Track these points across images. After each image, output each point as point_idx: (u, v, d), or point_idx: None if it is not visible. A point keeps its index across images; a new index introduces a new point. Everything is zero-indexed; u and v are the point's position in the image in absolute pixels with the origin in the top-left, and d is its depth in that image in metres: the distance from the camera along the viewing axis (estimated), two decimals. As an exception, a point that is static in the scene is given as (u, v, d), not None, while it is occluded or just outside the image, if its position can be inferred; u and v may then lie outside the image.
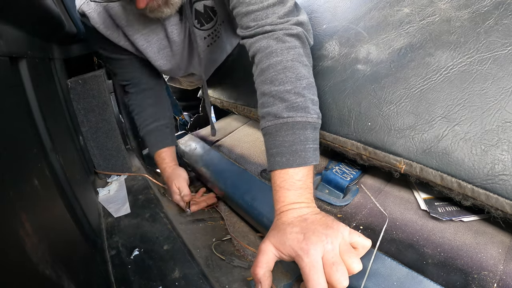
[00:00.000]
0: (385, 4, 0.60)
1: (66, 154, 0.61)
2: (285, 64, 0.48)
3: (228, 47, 0.93)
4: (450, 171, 0.41)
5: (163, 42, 0.73)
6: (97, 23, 0.67)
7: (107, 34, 0.69)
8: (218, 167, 0.77)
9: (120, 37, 0.71)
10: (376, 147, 0.49)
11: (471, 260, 0.39)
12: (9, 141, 0.35)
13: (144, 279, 0.48)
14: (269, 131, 0.47)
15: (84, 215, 0.55)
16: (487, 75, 0.42)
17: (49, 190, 0.44)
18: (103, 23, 0.68)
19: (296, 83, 0.47)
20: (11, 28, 0.46)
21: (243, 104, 0.81)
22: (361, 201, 0.52)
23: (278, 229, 0.41)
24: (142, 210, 0.68)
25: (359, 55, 0.57)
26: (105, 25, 0.68)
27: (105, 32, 0.69)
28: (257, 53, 0.51)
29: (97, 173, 0.87)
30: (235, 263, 0.55)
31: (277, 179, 0.45)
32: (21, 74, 0.48)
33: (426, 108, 0.45)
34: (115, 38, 0.71)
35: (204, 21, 0.72)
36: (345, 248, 0.36)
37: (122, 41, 0.72)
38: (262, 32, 0.51)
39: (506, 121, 0.39)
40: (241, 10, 0.53)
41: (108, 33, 0.69)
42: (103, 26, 0.68)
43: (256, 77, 0.52)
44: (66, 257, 0.40)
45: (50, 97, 0.63)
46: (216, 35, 0.78)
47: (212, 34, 0.77)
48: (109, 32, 0.69)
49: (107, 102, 0.83)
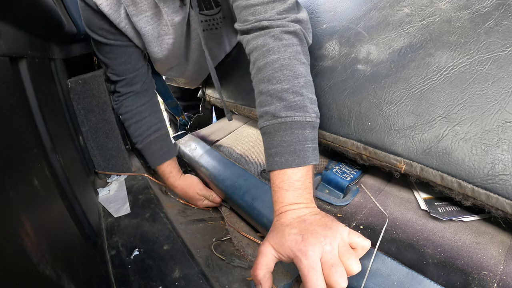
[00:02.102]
0: (385, 4, 0.60)
1: (66, 154, 0.61)
2: (282, 62, 0.47)
3: (227, 45, 0.93)
4: (450, 171, 0.41)
5: (164, 29, 0.71)
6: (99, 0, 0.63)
7: (108, 13, 0.65)
8: (218, 167, 0.77)
9: (121, 18, 0.67)
10: (376, 147, 0.49)
11: (471, 260, 0.39)
12: (9, 141, 0.35)
13: (144, 279, 0.48)
14: (268, 130, 0.47)
15: (84, 215, 0.55)
16: (487, 75, 0.42)
17: (49, 190, 0.44)
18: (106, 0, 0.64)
19: (293, 82, 0.46)
20: (11, 28, 0.46)
21: (243, 104, 0.81)
22: (361, 201, 0.52)
23: (277, 230, 0.41)
24: (142, 210, 0.68)
25: (359, 55, 0.57)
26: (108, 2, 0.64)
27: (107, 10, 0.64)
28: (253, 50, 0.51)
29: (97, 173, 0.87)
30: (235, 263, 0.55)
31: (276, 179, 0.45)
32: (21, 74, 0.48)
33: (426, 108, 0.45)
34: (115, 19, 0.66)
35: (204, 7, 0.72)
36: (344, 249, 0.36)
37: (123, 22, 0.68)
38: (259, 27, 0.51)
39: (506, 121, 0.39)
40: (241, 3, 0.53)
41: (109, 12, 0.65)
42: (106, 3, 0.64)
43: (253, 76, 0.52)
44: (66, 257, 0.40)
45: (50, 97, 0.63)
46: (213, 24, 0.77)
47: (209, 21, 0.76)
48: (111, 11, 0.65)
49: (107, 102, 0.83)
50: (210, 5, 0.74)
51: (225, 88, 0.91)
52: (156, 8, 0.67)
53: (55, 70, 0.72)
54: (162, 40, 0.73)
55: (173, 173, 0.79)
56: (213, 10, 0.75)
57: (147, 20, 0.68)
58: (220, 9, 0.76)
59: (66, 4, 0.78)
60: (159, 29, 0.71)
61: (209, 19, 0.78)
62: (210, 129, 1.02)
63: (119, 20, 0.67)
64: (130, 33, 0.71)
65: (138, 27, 0.69)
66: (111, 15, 0.66)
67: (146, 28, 0.69)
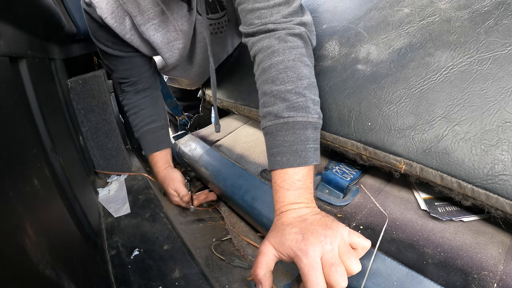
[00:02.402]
0: (385, 4, 0.60)
1: (66, 154, 0.61)
2: (286, 64, 0.48)
3: (230, 48, 0.94)
4: (450, 171, 0.41)
5: (173, 34, 0.72)
6: (104, 13, 0.64)
7: (113, 26, 0.66)
8: (218, 167, 0.77)
9: (126, 30, 0.68)
10: (376, 147, 0.49)
11: (471, 260, 0.39)
12: (9, 141, 0.35)
13: (144, 279, 0.48)
14: (270, 130, 0.47)
15: (84, 215, 0.55)
16: (487, 75, 0.42)
17: (49, 190, 0.44)
18: (111, 13, 0.64)
19: (297, 83, 0.47)
20: (11, 28, 0.46)
21: (243, 104, 0.81)
22: (361, 201, 0.52)
23: (277, 229, 0.41)
24: (142, 210, 0.68)
25: (359, 55, 0.57)
26: (113, 15, 0.65)
27: (112, 23, 0.65)
28: (259, 52, 0.51)
29: (97, 173, 0.87)
30: (235, 263, 0.55)
31: (277, 179, 0.45)
32: (21, 74, 0.48)
33: (426, 108, 0.45)
34: (121, 31, 0.68)
35: (209, 11, 0.73)
36: (344, 249, 0.36)
37: (128, 34, 0.69)
38: (264, 30, 0.51)
39: (506, 121, 0.39)
40: (247, 6, 0.53)
41: (114, 25, 0.66)
42: (111, 17, 0.65)
43: (257, 77, 0.52)
44: (66, 257, 0.40)
45: (50, 97, 0.63)
46: (218, 28, 0.78)
47: (214, 25, 0.77)
48: (116, 24, 0.66)
49: (107, 102, 0.83)
50: (216, 8, 0.75)
51: (225, 88, 0.91)
52: (163, 15, 0.68)
53: (55, 70, 0.72)
54: (172, 46, 0.74)
55: (159, 164, 0.80)
56: (219, 13, 0.76)
57: (155, 27, 0.69)
58: (225, 12, 0.77)
59: (66, 4, 0.78)
60: (168, 36, 0.72)
61: (214, 23, 0.78)
62: (210, 129, 1.02)
63: (124, 32, 0.69)
64: (136, 43, 0.72)
65: (147, 35, 0.69)
66: (116, 28, 0.67)
67: (154, 36, 0.70)
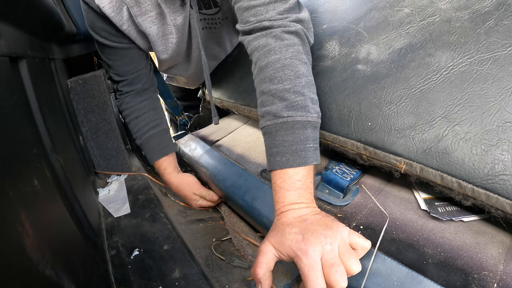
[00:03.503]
0: (385, 4, 0.60)
1: (66, 154, 0.61)
2: (283, 62, 0.48)
3: (228, 47, 0.93)
4: (450, 171, 0.41)
5: (168, 28, 0.71)
6: (102, 2, 0.64)
7: (111, 15, 0.65)
8: (218, 167, 0.77)
9: (124, 20, 0.67)
10: (376, 147, 0.49)
11: (471, 260, 0.39)
12: (9, 141, 0.35)
13: (144, 279, 0.48)
14: (269, 130, 0.47)
15: (84, 215, 0.55)
16: (487, 75, 0.42)
17: (49, 190, 0.44)
18: (109, 3, 0.64)
19: (295, 81, 0.46)
20: (11, 28, 0.46)
21: (243, 104, 0.81)
22: (361, 201, 0.52)
23: (277, 229, 0.41)
24: (142, 210, 0.68)
25: (359, 55, 0.57)
26: (111, 5, 0.64)
27: (109, 13, 0.65)
28: (255, 51, 0.51)
29: (97, 173, 0.87)
30: (235, 263, 0.55)
31: (277, 179, 0.45)
32: (21, 74, 0.48)
33: (426, 108, 0.45)
34: (118, 21, 0.67)
35: (203, 6, 0.73)
36: (344, 249, 0.36)
37: (125, 24, 0.68)
38: (260, 28, 0.51)
39: (506, 121, 0.39)
40: (243, 4, 0.53)
41: (112, 14, 0.65)
42: (108, 6, 0.64)
43: (255, 76, 0.52)
44: (66, 257, 0.40)
45: (50, 97, 0.63)
46: (212, 24, 0.78)
47: (208, 20, 0.77)
48: (113, 14, 0.66)
49: (107, 102, 0.83)
50: (209, 5, 0.75)
51: (225, 88, 0.91)
52: (160, 8, 0.68)
53: (55, 70, 0.72)
54: (166, 40, 0.74)
55: (168, 170, 0.79)
56: (212, 10, 0.76)
57: (152, 20, 0.69)
58: (219, 9, 0.77)
59: (66, 4, 0.78)
60: (163, 29, 0.71)
61: (208, 18, 0.78)
62: (210, 129, 1.02)
63: (121, 23, 0.68)
64: (133, 35, 0.71)
65: (143, 27, 0.69)
66: (113, 17, 0.66)
67: (151, 28, 0.70)
